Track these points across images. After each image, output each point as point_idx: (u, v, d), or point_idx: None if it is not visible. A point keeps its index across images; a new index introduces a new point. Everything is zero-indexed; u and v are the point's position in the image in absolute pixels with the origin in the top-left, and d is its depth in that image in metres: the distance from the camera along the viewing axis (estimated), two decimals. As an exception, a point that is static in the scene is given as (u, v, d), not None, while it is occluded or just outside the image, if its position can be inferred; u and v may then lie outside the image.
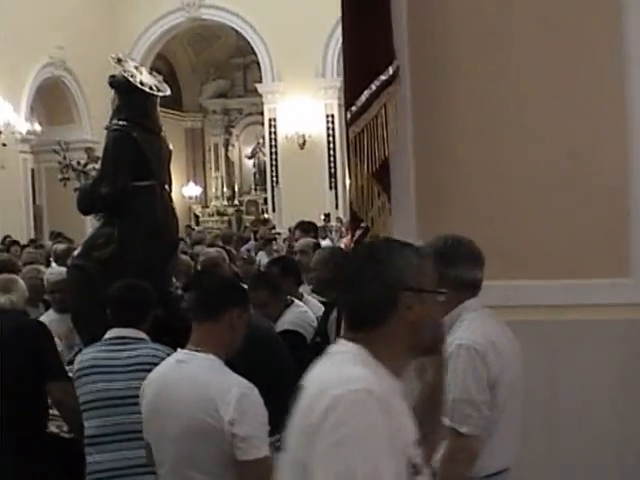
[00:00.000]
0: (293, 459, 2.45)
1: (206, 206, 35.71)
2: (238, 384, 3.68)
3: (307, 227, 11.72)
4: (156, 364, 4.68)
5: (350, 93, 5.02)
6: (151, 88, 6.75)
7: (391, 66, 4.87)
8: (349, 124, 5.00)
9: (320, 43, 26.71)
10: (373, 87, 4.86)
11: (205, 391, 3.67)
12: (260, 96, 29.25)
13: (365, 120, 4.91)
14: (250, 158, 35.68)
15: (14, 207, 22.31)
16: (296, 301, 6.62)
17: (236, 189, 35.63)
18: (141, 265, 6.38)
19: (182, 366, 3.82)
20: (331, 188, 27.06)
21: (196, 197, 35.60)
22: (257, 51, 28.56)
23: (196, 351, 3.82)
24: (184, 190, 34.96)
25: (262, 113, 29.66)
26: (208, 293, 4.09)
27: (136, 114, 6.72)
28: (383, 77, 4.85)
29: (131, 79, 6.63)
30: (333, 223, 23.91)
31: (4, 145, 20.83)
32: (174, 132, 34.03)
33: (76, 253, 7.04)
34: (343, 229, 18.50)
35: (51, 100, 26.13)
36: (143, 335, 5.21)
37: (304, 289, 7.34)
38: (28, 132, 23.34)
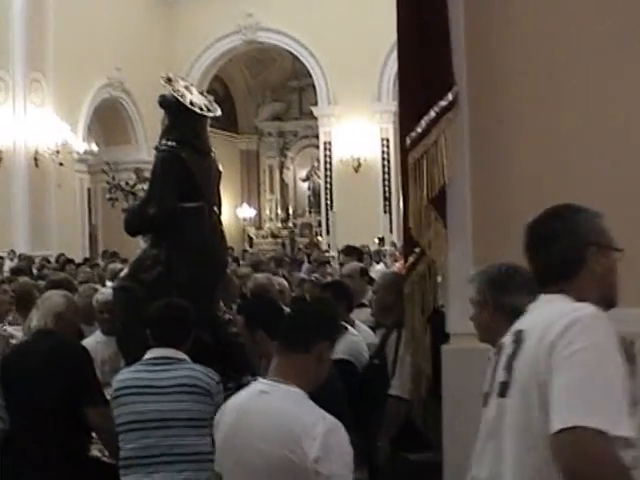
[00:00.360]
0: (521, 395, 2.72)
1: (260, 228, 35.84)
2: (324, 419, 3.45)
3: (350, 251, 11.57)
4: (195, 385, 4.90)
5: (408, 119, 4.99)
6: (201, 109, 6.63)
7: (450, 92, 4.84)
8: (408, 150, 4.96)
9: (376, 67, 26.75)
10: (432, 113, 4.83)
11: (289, 425, 3.45)
12: (315, 119, 29.38)
13: (425, 146, 4.88)
14: (305, 181, 35.78)
15: (70, 226, 22.57)
16: (350, 328, 6.48)
17: (290, 211, 35.71)
18: (188, 288, 6.19)
19: (264, 397, 3.55)
20: (385, 212, 27.00)
21: (250, 219, 35.74)
22: (313, 74, 28.70)
23: (279, 382, 3.55)
24: (238, 211, 35.14)
25: (317, 136, 29.77)
26: (302, 323, 3.77)
27: (185, 135, 6.58)
28: (442, 103, 4.83)
29: (181, 99, 6.51)
30: (387, 247, 23.82)
31: (61, 165, 21.12)
32: (229, 153, 34.30)
33: (123, 274, 6.97)
34: (397, 253, 18.39)
35: (108, 121, 26.46)
36: (183, 356, 5.08)
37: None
38: (85, 152, 23.68)
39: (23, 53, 21.82)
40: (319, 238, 30.80)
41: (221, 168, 7.00)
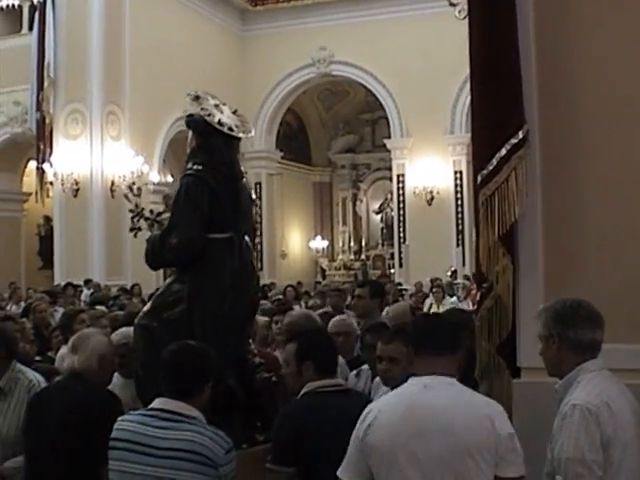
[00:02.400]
0: None
1: (333, 260, 35.88)
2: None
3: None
4: (199, 453, 4.21)
5: (480, 156, 5.03)
6: (231, 129, 6.00)
7: (521, 130, 4.86)
8: (480, 187, 4.99)
9: (449, 99, 26.77)
10: (503, 151, 4.85)
11: (476, 409, 3.65)
12: (388, 151, 29.43)
13: (496, 183, 4.91)
14: (378, 213, 35.81)
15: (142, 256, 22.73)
16: None
17: (363, 243, 35.73)
18: (212, 328, 5.69)
19: (432, 390, 3.71)
20: (458, 245, 26.90)
21: (323, 250, 35.82)
22: (386, 107, 28.78)
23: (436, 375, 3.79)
24: (311, 243, 35.25)
25: (390, 168, 29.79)
26: (448, 330, 4.01)
27: (213, 157, 5.95)
28: (513, 141, 4.84)
29: (208, 118, 5.92)
30: (460, 280, 23.71)
31: (137, 196, 21.38)
32: (303, 186, 34.55)
33: (144, 310, 6.23)
34: (471, 286, 18.29)
35: (183, 152, 26.71)
36: (195, 412, 4.39)
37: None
38: (159, 183, 23.95)
39: (100, 86, 22.23)
40: (392, 271, 30.79)
41: (253, 195, 6.44)
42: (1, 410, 5.54)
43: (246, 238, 6.12)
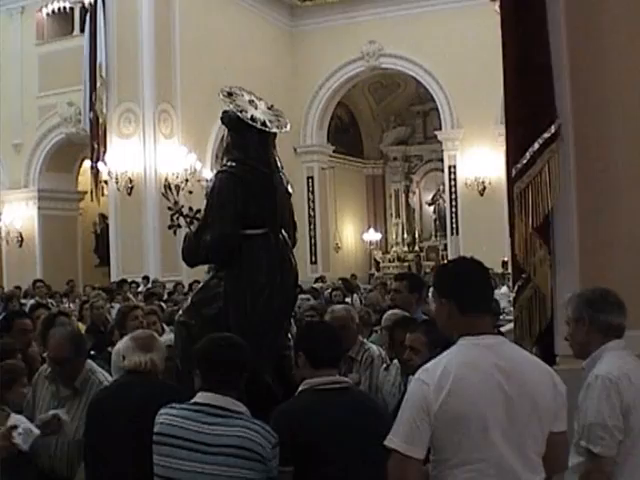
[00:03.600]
0: None
1: (386, 252, 35.88)
2: None
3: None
4: (248, 449, 4.15)
5: (514, 150, 5.15)
6: (264, 124, 5.95)
7: (553, 125, 4.97)
8: (514, 180, 5.10)
9: (498, 90, 25.84)
10: (536, 145, 4.96)
11: (539, 366, 3.69)
12: (440, 143, 29.42)
13: (530, 177, 5.03)
14: (430, 205, 35.75)
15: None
16: None
17: (416, 235, 35.69)
18: (249, 324, 5.63)
19: (498, 350, 3.57)
20: (510, 235, 26.74)
21: (377, 243, 35.84)
22: (436, 98, 28.77)
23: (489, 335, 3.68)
24: (365, 236, 35.30)
25: (442, 160, 29.78)
26: (490, 289, 3.87)
27: (247, 153, 5.93)
28: (546, 135, 4.94)
29: (240, 114, 5.89)
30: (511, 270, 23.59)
31: (190, 192, 21.63)
32: (355, 179, 34.60)
33: (184, 307, 6.28)
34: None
35: (236, 149, 26.90)
36: (241, 407, 4.33)
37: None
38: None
39: (152, 85, 22.52)
40: (445, 262, 30.75)
41: (291, 189, 6.32)
42: (74, 411, 5.44)
43: (283, 233, 6.11)
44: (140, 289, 19.12)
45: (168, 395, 4.67)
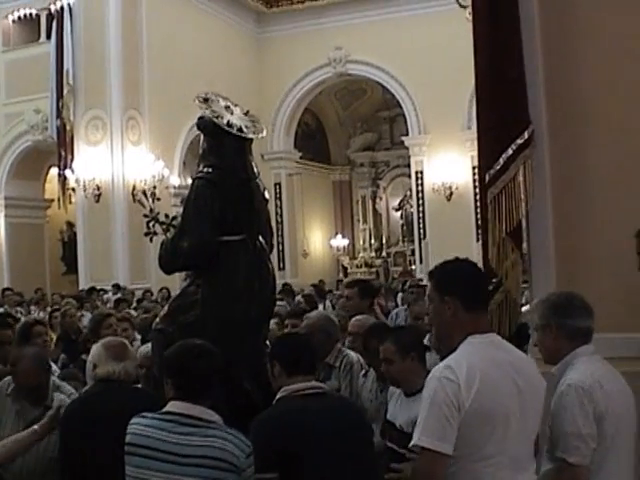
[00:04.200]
0: None
1: (354, 257, 35.90)
2: None
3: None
4: (222, 459, 4.06)
5: (487, 156, 5.20)
6: (240, 129, 5.92)
7: (527, 130, 5.03)
8: (488, 186, 5.16)
9: (465, 95, 26.69)
10: (510, 151, 5.02)
11: (531, 362, 3.85)
12: (407, 148, 29.51)
13: (503, 182, 5.09)
14: (397, 210, 35.85)
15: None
16: None
17: (384, 241, 35.78)
18: (227, 330, 5.60)
19: (503, 347, 3.76)
20: (478, 240, 26.89)
21: (344, 248, 35.88)
22: (403, 104, 28.87)
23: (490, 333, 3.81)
24: (332, 242, 35.34)
25: (409, 165, 29.86)
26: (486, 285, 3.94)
27: (224, 159, 5.89)
28: (519, 141, 5.01)
29: (217, 120, 5.87)
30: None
31: (158, 199, 21.60)
32: (322, 185, 34.64)
33: (161, 314, 6.16)
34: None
35: (202, 155, 26.85)
36: (214, 416, 4.23)
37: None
38: (180, 187, 24.17)
39: (119, 92, 22.42)
40: (413, 267, 30.87)
41: (267, 195, 6.33)
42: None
43: (261, 239, 6.09)
44: (109, 296, 19.07)
45: (143, 403, 4.57)
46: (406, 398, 5.04)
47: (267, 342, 6.04)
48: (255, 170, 6.16)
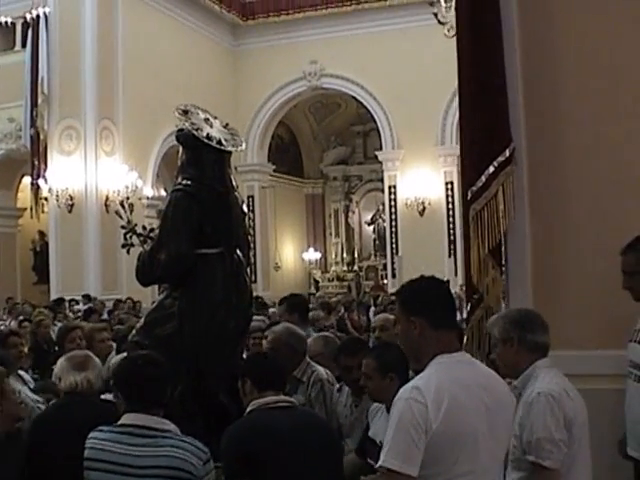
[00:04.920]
0: None
1: (326, 271, 35.98)
2: None
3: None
4: (177, 468, 4.07)
5: (469, 173, 5.24)
6: (220, 142, 5.94)
7: (508, 148, 5.06)
8: (470, 202, 5.19)
9: (439, 111, 26.96)
10: (491, 168, 5.06)
11: (501, 380, 3.85)
12: (380, 163, 29.59)
13: (485, 199, 5.12)
14: (370, 224, 35.94)
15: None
16: None
17: (356, 255, 35.86)
18: (204, 344, 5.64)
19: (471, 366, 3.73)
20: (450, 255, 27.05)
21: (316, 262, 35.92)
22: (377, 119, 28.98)
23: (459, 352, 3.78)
24: (304, 255, 35.37)
25: (382, 180, 29.93)
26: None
27: (203, 172, 5.89)
28: (500, 159, 5.05)
29: (196, 132, 5.88)
30: (454, 290, 23.80)
31: (129, 211, 21.51)
32: (295, 198, 34.68)
33: (137, 327, 6.16)
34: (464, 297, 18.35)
35: (176, 167, 26.78)
36: (168, 425, 4.26)
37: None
38: (153, 197, 24.12)
39: (94, 102, 22.32)
40: (384, 281, 30.92)
41: (245, 208, 6.39)
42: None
43: (238, 252, 6.08)
44: (80, 307, 18.96)
45: (106, 416, 4.52)
46: (388, 415, 5.03)
47: (243, 355, 6.10)
48: (234, 183, 6.18)
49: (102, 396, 5.74)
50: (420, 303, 3.71)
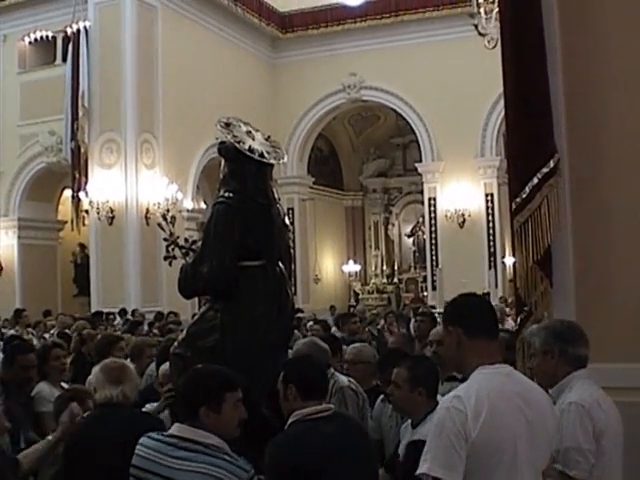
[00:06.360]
0: None
1: (366, 283, 35.91)
2: None
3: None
4: None
5: (514, 185, 5.20)
6: (262, 155, 5.95)
7: (552, 159, 5.02)
8: (514, 215, 5.15)
9: (479, 122, 26.88)
10: (535, 180, 5.03)
11: (542, 393, 3.86)
12: (420, 175, 29.50)
13: (529, 211, 5.09)
14: (410, 236, 35.88)
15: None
16: None
17: (395, 267, 35.77)
18: (245, 356, 5.63)
19: (512, 378, 3.75)
20: (490, 267, 26.92)
21: (356, 274, 35.89)
22: (416, 131, 28.92)
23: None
24: (344, 267, 35.34)
25: (422, 192, 29.86)
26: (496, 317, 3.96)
27: (245, 184, 5.91)
28: (544, 170, 5.01)
29: (238, 145, 5.89)
30: (494, 302, 23.67)
31: (171, 224, 21.59)
32: (335, 210, 34.69)
33: (179, 339, 6.18)
34: (507, 309, 18.21)
35: (216, 179, 26.86)
36: (210, 438, 4.18)
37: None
38: (193, 210, 24.21)
39: (134, 115, 22.51)
40: (424, 293, 30.82)
41: (287, 221, 6.36)
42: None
43: (280, 265, 6.07)
44: (118, 320, 19.05)
45: (140, 428, 4.52)
46: (412, 430, 5.05)
47: None
48: (275, 196, 6.16)
49: (144, 408, 5.81)
50: (457, 314, 3.85)
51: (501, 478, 3.51)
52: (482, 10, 14.06)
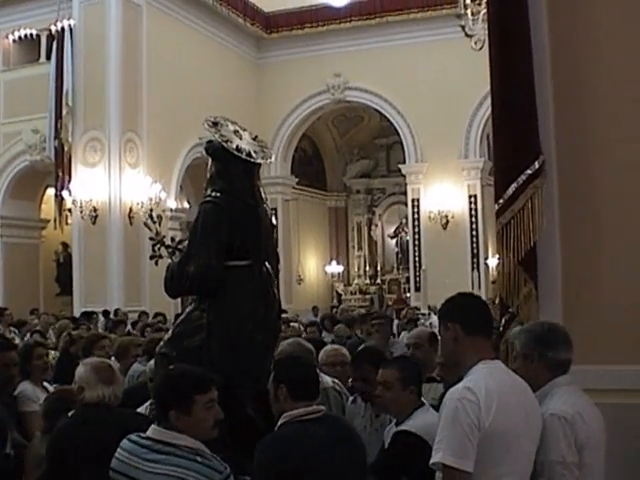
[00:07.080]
0: None
1: (348, 284, 35.95)
2: None
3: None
4: None
5: (498, 186, 5.19)
6: (249, 154, 5.92)
7: (537, 161, 5.02)
8: (497, 215, 5.15)
9: (463, 124, 26.93)
10: (520, 181, 5.02)
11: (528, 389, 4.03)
12: (403, 176, 29.54)
13: (512, 212, 5.07)
14: (393, 237, 35.94)
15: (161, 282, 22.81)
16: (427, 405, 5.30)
17: (378, 268, 35.81)
18: (231, 356, 5.61)
19: (510, 374, 3.99)
20: (473, 269, 26.99)
21: (339, 275, 35.90)
22: (400, 132, 28.97)
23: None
24: (327, 268, 35.35)
25: (405, 193, 29.88)
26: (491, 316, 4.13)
27: (232, 184, 5.88)
28: (529, 171, 5.00)
29: (226, 145, 5.85)
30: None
31: (156, 223, 21.53)
32: (318, 211, 34.68)
33: (165, 339, 6.11)
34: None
35: (199, 179, 26.82)
36: (183, 439, 4.12)
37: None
38: (177, 209, 24.18)
39: (118, 114, 22.43)
40: (407, 295, 30.86)
41: (274, 221, 6.31)
42: None
43: (267, 265, 6.03)
44: (100, 322, 18.97)
45: (135, 426, 4.46)
46: (396, 427, 5.09)
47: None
48: (263, 195, 6.15)
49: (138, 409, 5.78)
50: (454, 310, 4.04)
51: (506, 467, 3.70)
52: (469, 11, 14.04)
